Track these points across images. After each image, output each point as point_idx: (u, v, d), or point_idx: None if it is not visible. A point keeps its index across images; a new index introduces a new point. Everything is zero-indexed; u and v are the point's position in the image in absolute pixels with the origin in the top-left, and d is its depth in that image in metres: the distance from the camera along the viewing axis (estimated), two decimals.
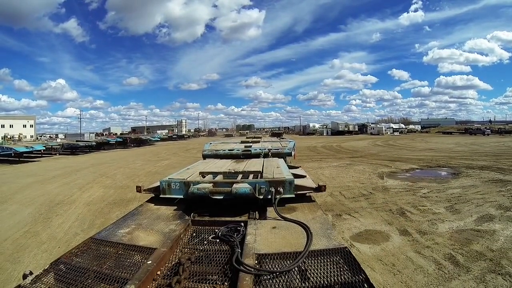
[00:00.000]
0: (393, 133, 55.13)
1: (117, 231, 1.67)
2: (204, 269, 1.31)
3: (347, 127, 59.57)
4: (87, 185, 9.56)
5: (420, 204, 6.06)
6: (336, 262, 1.24)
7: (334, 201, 6.31)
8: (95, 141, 27.24)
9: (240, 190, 1.90)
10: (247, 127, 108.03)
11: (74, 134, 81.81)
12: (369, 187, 7.68)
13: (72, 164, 16.15)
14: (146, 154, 21.60)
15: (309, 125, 69.60)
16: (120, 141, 31.32)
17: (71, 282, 1.18)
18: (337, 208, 5.81)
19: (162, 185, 2.20)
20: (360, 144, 27.32)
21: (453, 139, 32.67)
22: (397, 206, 5.84)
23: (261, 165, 3.09)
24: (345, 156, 15.87)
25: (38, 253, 4.41)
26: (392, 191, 7.10)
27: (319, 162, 13.39)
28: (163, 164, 14.57)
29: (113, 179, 10.38)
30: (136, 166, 13.79)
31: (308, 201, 2.15)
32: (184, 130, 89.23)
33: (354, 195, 6.76)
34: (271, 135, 44.87)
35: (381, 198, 6.43)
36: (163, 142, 43.24)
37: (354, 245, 4.03)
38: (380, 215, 5.35)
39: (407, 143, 27.66)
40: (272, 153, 4.31)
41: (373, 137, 43.04)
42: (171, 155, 19.48)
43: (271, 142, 5.92)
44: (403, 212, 5.51)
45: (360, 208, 5.74)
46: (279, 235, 1.53)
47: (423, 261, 3.59)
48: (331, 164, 12.63)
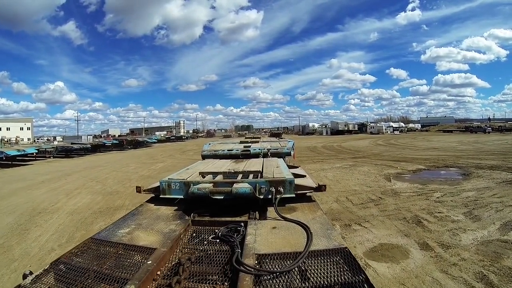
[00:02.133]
0: (393, 132, 54.68)
1: (117, 231, 1.66)
2: (204, 269, 1.30)
3: (347, 126, 59.05)
4: (75, 190, 8.99)
5: (436, 210, 5.52)
6: (336, 262, 1.23)
7: (341, 208, 5.74)
8: (90, 144, 26.56)
9: (240, 190, 1.87)
10: (246, 127, 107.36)
11: (72, 137, 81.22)
12: (377, 191, 7.12)
13: (65, 167, 15.56)
14: (141, 156, 21.00)
15: (308, 125, 69.00)
16: (117, 143, 30.68)
17: (71, 282, 1.17)
18: (345, 217, 5.24)
19: (162, 185, 2.18)
20: (361, 143, 26.80)
21: (455, 138, 32.22)
22: (411, 213, 5.30)
23: (260, 165, 3.05)
24: (347, 157, 15.31)
25: (6, 274, 3.85)
26: (403, 196, 6.55)
27: (320, 163, 12.83)
28: (157, 167, 13.98)
29: (103, 184, 9.80)
30: (130, 170, 13.20)
31: (308, 201, 2.13)
32: (182, 131, 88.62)
33: (363, 201, 6.20)
34: (270, 136, 44.38)
35: (392, 204, 5.87)
36: (160, 143, 42.63)
37: (370, 265, 3.45)
38: (394, 224, 4.80)
39: (409, 142, 27.16)
40: (271, 153, 4.24)
41: (373, 137, 42.57)
42: (167, 157, 18.87)
43: (270, 142, 5.82)
44: (419, 220, 4.96)
45: (371, 217, 5.18)
46: (279, 235, 1.52)
47: (453, 285, 3.04)
48: (333, 165, 12.07)
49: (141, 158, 19.54)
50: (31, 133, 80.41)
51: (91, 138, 72.26)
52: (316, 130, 64.01)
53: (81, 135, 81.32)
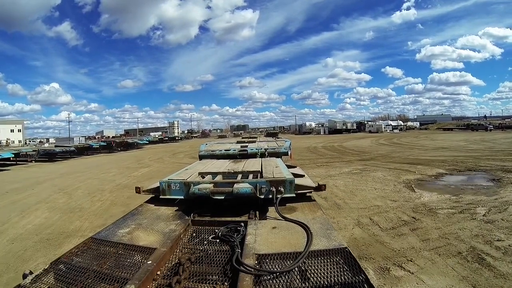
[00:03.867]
0: (393, 130, 53.55)
1: (117, 231, 1.64)
2: (204, 269, 1.29)
3: (345, 125, 57.75)
4: (34, 205, 7.41)
5: (493, 236, 4.08)
6: (336, 262, 1.22)
7: (367, 237, 4.22)
8: (75, 146, 24.74)
9: (241, 190, 1.87)
10: (242, 127, 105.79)
11: (64, 138, 78.79)
12: (406, 206, 5.65)
13: (41, 174, 13.90)
14: (128, 159, 19.33)
15: (305, 124, 67.34)
16: (105, 145, 28.87)
17: (71, 282, 1.16)
18: (376, 253, 3.71)
19: (162, 185, 2.16)
20: (363, 143, 25.44)
21: (459, 136, 31.09)
22: (465, 244, 3.84)
23: (259, 165, 3.05)
24: (353, 159, 13.85)
25: None
26: (441, 214, 5.08)
27: (326, 168, 11.35)
28: (139, 173, 12.34)
29: (70, 196, 8.20)
30: (107, 177, 11.56)
31: (308, 201, 2.12)
32: (176, 132, 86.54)
33: (393, 223, 4.69)
34: (266, 135, 42.82)
35: (433, 229, 4.39)
36: (153, 145, 40.86)
37: None
38: (449, 265, 3.33)
39: (413, 141, 25.88)
40: (268, 153, 4.20)
41: (373, 135, 41.32)
42: (154, 161, 17.21)
43: (267, 142, 5.80)
44: (480, 256, 3.51)
45: (412, 252, 3.68)
46: (279, 235, 1.51)
47: None
48: (341, 170, 10.59)
49: (126, 161, 17.88)
50: (22, 135, 78.07)
51: (83, 139, 70.32)
52: (313, 130, 62.52)
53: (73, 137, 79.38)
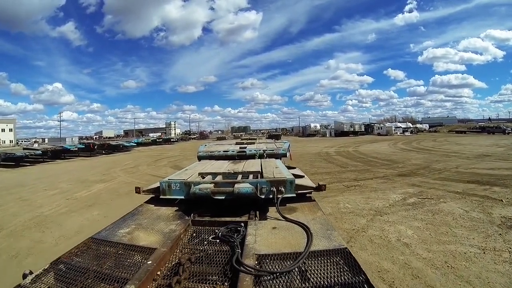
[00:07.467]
0: (403, 133, 49.91)
1: (117, 231, 1.64)
2: (204, 270, 1.29)
3: (353, 127, 53.95)
4: None
5: None
6: (337, 262, 1.22)
7: None
8: (45, 149, 21.20)
9: (242, 190, 1.87)
10: (243, 128, 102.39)
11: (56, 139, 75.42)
12: None
13: None
14: (99, 167, 15.79)
15: (310, 125, 63.34)
16: (83, 148, 25.34)
17: (71, 282, 1.16)
18: None
19: (162, 186, 2.15)
20: (381, 148, 21.82)
21: (482, 140, 27.55)
22: None
23: (259, 165, 3.04)
24: (389, 173, 10.09)
25: None
26: None
27: (360, 192, 7.60)
28: (92, 191, 8.69)
29: None
30: (48, 195, 8.00)
31: (309, 201, 2.13)
32: (173, 133, 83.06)
33: None
34: (268, 137, 39.23)
35: None
36: (143, 147, 37.28)
37: None
38: None
39: (437, 145, 22.29)
40: (267, 154, 4.16)
41: (385, 138, 37.69)
42: (125, 171, 13.51)
43: (266, 143, 5.83)
44: None
45: None
46: (279, 236, 1.52)
47: None
48: (387, 196, 6.86)
49: (94, 170, 14.35)
50: (13, 134, 74.95)
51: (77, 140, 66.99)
52: (318, 132, 58.80)
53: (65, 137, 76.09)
